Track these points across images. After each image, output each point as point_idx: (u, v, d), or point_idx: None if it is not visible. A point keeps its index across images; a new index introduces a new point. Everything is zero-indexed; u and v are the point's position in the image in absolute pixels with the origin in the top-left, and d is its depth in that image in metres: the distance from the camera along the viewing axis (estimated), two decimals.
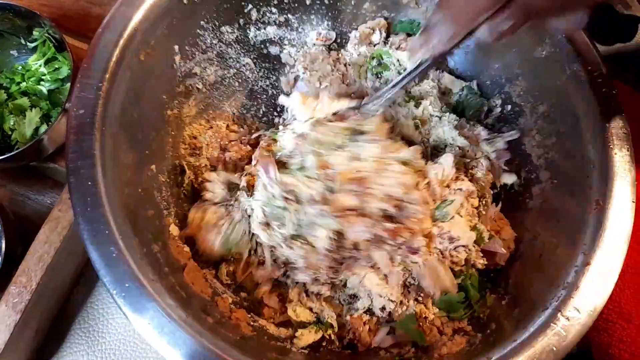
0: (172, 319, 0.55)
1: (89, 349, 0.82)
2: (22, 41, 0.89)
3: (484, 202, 0.77)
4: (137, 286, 0.56)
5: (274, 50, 0.88)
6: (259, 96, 0.89)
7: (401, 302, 0.71)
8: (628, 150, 0.68)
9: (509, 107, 0.83)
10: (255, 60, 0.88)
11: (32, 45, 0.89)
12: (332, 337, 0.71)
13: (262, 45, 0.87)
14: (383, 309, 0.72)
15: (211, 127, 0.84)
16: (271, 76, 0.90)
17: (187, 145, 0.80)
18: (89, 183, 0.59)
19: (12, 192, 0.88)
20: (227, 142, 0.83)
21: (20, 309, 0.73)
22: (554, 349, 0.58)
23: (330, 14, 0.87)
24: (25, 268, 0.74)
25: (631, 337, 0.76)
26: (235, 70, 0.86)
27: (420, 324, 0.71)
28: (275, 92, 0.90)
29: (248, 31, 0.85)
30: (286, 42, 0.89)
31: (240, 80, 0.87)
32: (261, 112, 0.89)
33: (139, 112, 0.70)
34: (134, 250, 0.59)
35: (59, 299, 0.83)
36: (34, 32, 0.87)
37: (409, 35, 0.88)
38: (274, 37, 0.88)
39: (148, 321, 0.55)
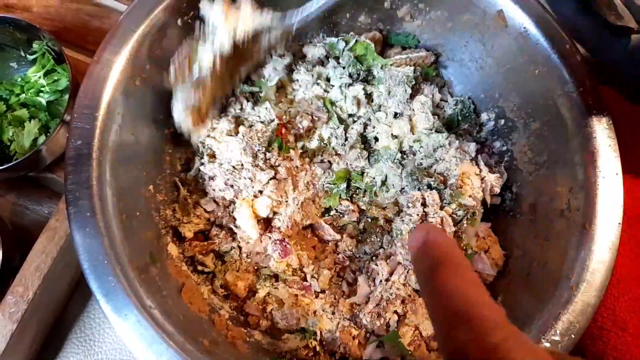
0: (170, 345, 0.58)
1: (85, 359, 0.85)
2: (22, 53, 0.91)
3: (469, 216, 0.78)
4: (135, 314, 0.58)
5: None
6: None
7: (379, 315, 0.73)
8: (617, 174, 0.69)
9: (502, 121, 0.84)
10: None
11: (32, 57, 0.90)
12: (317, 348, 0.74)
13: None
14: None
15: None
16: None
17: (184, 160, 0.82)
18: (88, 214, 0.61)
19: (10, 202, 0.90)
20: None
21: (17, 319, 0.74)
22: None
23: (325, 26, 0.87)
24: (22, 278, 0.76)
25: (626, 345, 0.78)
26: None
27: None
28: None
29: None
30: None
31: None
32: None
33: (137, 136, 0.72)
34: (132, 278, 0.61)
35: (56, 309, 0.85)
36: (34, 45, 0.88)
37: (404, 48, 0.88)
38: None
39: (146, 348, 0.58)
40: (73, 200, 0.62)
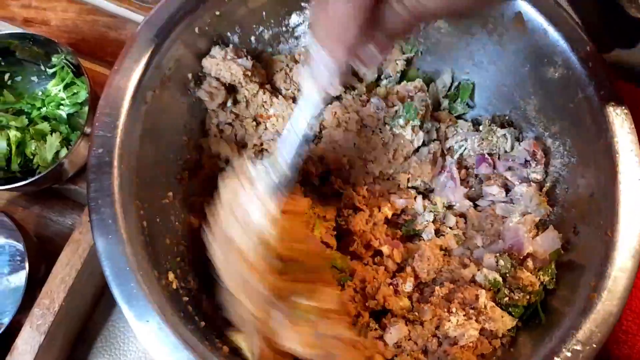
0: (190, 350, 0.58)
1: None
2: (42, 67, 0.92)
3: None
4: (157, 321, 0.59)
5: None
6: None
7: None
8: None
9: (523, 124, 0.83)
10: None
11: (51, 71, 0.91)
12: None
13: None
14: None
15: None
16: None
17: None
18: (110, 221, 0.62)
19: (34, 214, 0.91)
20: None
21: (44, 331, 0.75)
22: None
23: None
24: (48, 290, 0.77)
25: None
26: None
27: None
28: None
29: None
30: None
31: None
32: None
33: (158, 143, 0.72)
34: (153, 285, 0.61)
35: (82, 318, 0.86)
36: (53, 59, 0.90)
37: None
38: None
39: (168, 354, 0.58)
40: (95, 207, 0.62)
